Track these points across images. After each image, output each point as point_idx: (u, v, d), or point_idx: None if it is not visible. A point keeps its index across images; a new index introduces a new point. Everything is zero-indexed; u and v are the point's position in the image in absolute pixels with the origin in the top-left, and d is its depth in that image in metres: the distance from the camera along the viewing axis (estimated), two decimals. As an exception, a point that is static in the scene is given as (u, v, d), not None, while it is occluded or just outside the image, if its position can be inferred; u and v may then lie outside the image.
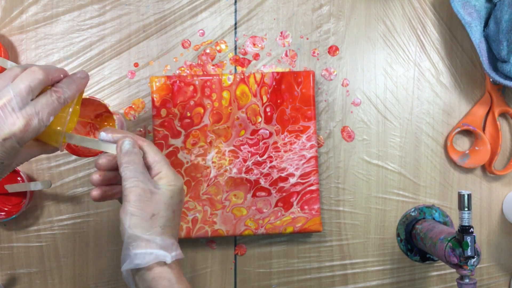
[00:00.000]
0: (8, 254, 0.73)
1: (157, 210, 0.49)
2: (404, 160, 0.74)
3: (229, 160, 0.71)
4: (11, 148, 0.46)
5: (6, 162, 0.47)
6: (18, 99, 0.45)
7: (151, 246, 0.48)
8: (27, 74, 0.47)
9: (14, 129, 0.45)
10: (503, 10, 0.67)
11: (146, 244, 0.48)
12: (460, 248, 0.60)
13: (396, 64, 0.74)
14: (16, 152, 0.47)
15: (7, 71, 0.48)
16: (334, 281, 0.74)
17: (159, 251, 0.48)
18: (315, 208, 0.71)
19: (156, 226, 0.49)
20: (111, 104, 0.72)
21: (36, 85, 0.47)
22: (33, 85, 0.46)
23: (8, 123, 0.45)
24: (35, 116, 0.46)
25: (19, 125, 0.45)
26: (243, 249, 0.74)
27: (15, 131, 0.45)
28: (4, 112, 0.45)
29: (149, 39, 0.73)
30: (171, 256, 0.49)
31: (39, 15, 0.72)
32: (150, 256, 0.48)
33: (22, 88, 0.46)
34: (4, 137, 0.45)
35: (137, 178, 0.49)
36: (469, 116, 0.74)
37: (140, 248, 0.48)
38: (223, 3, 0.73)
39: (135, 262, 0.48)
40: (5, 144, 0.45)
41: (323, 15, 0.74)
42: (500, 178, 0.76)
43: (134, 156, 0.51)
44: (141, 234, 0.48)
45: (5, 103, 0.45)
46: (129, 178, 0.50)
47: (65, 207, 0.73)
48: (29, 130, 0.46)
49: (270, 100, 0.71)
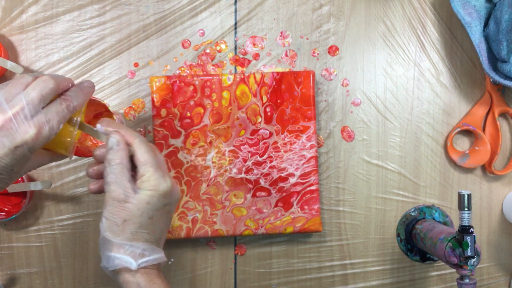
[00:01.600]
0: (8, 254, 0.73)
1: (129, 216, 0.49)
2: (404, 160, 0.74)
3: (229, 160, 0.71)
4: (21, 156, 0.47)
5: (15, 169, 0.48)
6: (30, 107, 0.46)
7: (120, 251, 0.49)
8: (38, 82, 0.47)
9: (26, 137, 0.46)
10: (503, 10, 0.67)
11: (116, 248, 0.49)
12: (460, 248, 0.60)
13: (396, 64, 0.74)
14: (26, 160, 0.48)
15: (19, 78, 0.48)
16: (334, 281, 0.74)
17: (126, 257, 0.49)
18: (315, 208, 0.71)
19: (127, 231, 0.49)
20: (111, 104, 0.72)
21: (48, 94, 0.47)
22: (44, 93, 0.47)
23: (21, 131, 0.46)
24: (46, 124, 0.47)
25: (31, 133, 0.46)
26: (243, 249, 0.74)
27: (27, 139, 0.46)
28: (17, 120, 0.46)
29: (149, 39, 0.73)
30: (137, 264, 0.49)
31: (39, 15, 0.72)
32: (117, 261, 0.49)
33: (34, 96, 0.46)
34: (16, 145, 0.46)
35: (114, 180, 0.50)
36: (469, 116, 0.74)
37: (110, 251, 0.49)
38: (223, 3, 0.73)
39: (103, 264, 0.50)
40: (16, 151, 0.46)
41: (323, 15, 0.74)
42: (500, 178, 0.76)
43: (117, 155, 0.50)
44: (112, 238, 0.49)
45: (18, 111, 0.46)
46: (107, 179, 0.50)
47: (65, 207, 0.73)
48: (40, 138, 0.47)
49: (270, 100, 0.71)
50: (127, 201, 0.49)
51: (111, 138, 0.51)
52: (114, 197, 0.49)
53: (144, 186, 0.50)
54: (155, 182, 0.50)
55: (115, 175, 0.50)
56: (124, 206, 0.49)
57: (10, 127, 0.45)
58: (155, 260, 0.51)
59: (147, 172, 0.50)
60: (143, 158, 0.51)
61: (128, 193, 0.49)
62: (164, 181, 0.51)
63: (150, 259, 0.50)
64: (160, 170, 0.51)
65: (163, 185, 0.51)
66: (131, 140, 0.51)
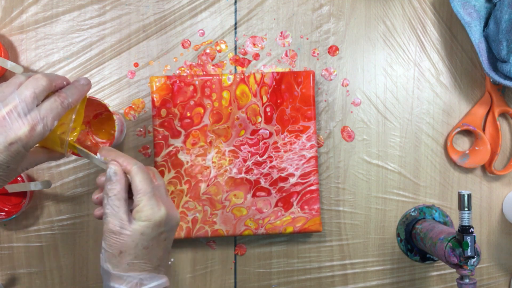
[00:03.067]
0: (8, 254, 0.73)
1: (125, 247, 0.50)
2: (404, 160, 0.74)
3: (229, 160, 0.71)
4: (16, 153, 0.47)
5: (12, 166, 0.48)
6: (23, 105, 0.47)
7: (118, 282, 0.50)
8: (31, 81, 0.48)
9: (19, 133, 0.47)
10: (503, 10, 0.67)
11: (114, 279, 0.50)
12: (460, 248, 0.60)
13: (396, 64, 0.74)
14: (22, 157, 0.48)
15: (13, 79, 0.49)
16: (334, 281, 0.74)
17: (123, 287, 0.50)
18: (315, 208, 0.71)
19: (123, 263, 0.50)
20: (111, 104, 0.72)
21: (41, 91, 0.48)
22: (37, 91, 0.48)
23: (14, 128, 0.47)
24: (40, 121, 0.48)
25: (25, 130, 0.47)
26: (243, 249, 0.74)
27: (20, 136, 0.47)
28: (10, 118, 0.47)
29: (149, 39, 0.73)
30: None
31: (39, 15, 0.72)
32: None
33: (27, 94, 0.47)
34: (10, 141, 0.47)
35: (111, 211, 0.50)
36: (469, 116, 0.74)
37: (109, 282, 0.51)
38: (223, 3, 0.73)
39: None
40: (11, 148, 0.47)
41: (323, 15, 0.74)
42: (500, 178, 0.76)
43: (113, 186, 0.51)
44: (111, 270, 0.50)
45: (11, 109, 0.47)
46: (105, 210, 0.51)
47: (65, 207, 0.73)
48: (34, 134, 0.47)
49: (270, 100, 0.71)
50: (122, 233, 0.50)
51: (109, 169, 0.52)
52: (110, 229, 0.50)
53: (139, 216, 0.50)
54: (149, 212, 0.50)
55: (111, 207, 0.50)
56: (119, 238, 0.50)
57: (4, 124, 0.46)
58: (155, 287, 0.51)
59: (141, 201, 0.51)
60: (138, 187, 0.51)
61: (124, 225, 0.50)
62: (158, 209, 0.51)
63: (149, 287, 0.51)
64: (154, 199, 0.51)
65: (157, 214, 0.51)
66: (128, 168, 0.52)
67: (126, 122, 0.73)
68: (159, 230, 0.51)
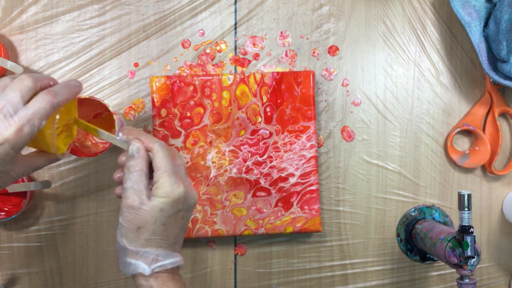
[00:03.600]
0: (8, 254, 0.73)
1: (143, 223, 0.50)
2: (404, 160, 0.74)
3: (229, 160, 0.71)
4: (5, 154, 0.47)
5: (2, 168, 0.48)
6: (9, 106, 0.47)
7: (135, 257, 0.51)
8: (16, 82, 0.48)
9: (6, 134, 0.46)
10: (503, 10, 0.67)
11: (131, 254, 0.51)
12: (460, 248, 0.60)
13: (396, 64, 0.74)
14: (12, 159, 0.48)
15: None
16: (334, 281, 0.74)
17: (140, 263, 0.51)
18: (315, 208, 0.71)
19: (141, 238, 0.51)
20: (111, 104, 0.72)
21: (26, 92, 0.48)
22: (23, 92, 0.48)
23: (1, 129, 0.46)
24: (27, 121, 0.47)
25: (11, 131, 0.46)
26: (243, 249, 0.74)
27: (7, 137, 0.46)
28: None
29: (149, 39, 0.73)
30: (151, 269, 0.51)
31: (39, 15, 0.72)
32: (132, 267, 0.51)
33: (12, 95, 0.47)
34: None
35: (131, 186, 0.51)
36: (469, 116, 0.74)
37: (125, 257, 0.51)
38: (223, 3, 0.73)
39: (121, 269, 0.52)
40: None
41: (323, 15, 0.74)
42: (500, 178, 0.76)
43: (136, 162, 0.52)
44: (127, 245, 0.51)
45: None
46: (124, 185, 0.52)
47: (65, 207, 0.73)
48: (22, 135, 0.47)
49: (270, 100, 0.71)
50: (141, 208, 0.50)
51: (132, 146, 0.52)
52: (129, 204, 0.51)
53: (158, 192, 0.51)
54: (168, 188, 0.51)
55: (132, 182, 0.51)
56: (138, 213, 0.50)
57: None
58: (170, 264, 0.52)
59: (161, 178, 0.51)
60: (159, 164, 0.52)
61: (143, 200, 0.51)
62: (177, 187, 0.51)
63: (164, 264, 0.52)
64: (174, 176, 0.51)
65: (176, 191, 0.51)
66: (151, 146, 0.52)
67: (126, 122, 0.73)
68: (177, 207, 0.52)
